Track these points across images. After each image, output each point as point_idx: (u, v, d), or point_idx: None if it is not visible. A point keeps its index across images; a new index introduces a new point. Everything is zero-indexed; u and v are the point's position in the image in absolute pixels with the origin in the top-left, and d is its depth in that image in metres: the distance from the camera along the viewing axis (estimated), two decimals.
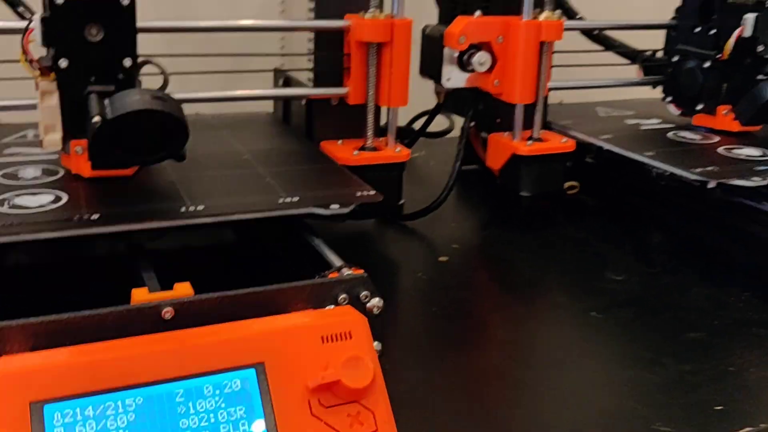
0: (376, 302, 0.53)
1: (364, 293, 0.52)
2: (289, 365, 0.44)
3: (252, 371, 0.43)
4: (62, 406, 0.40)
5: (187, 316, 0.47)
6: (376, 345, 0.50)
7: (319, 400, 0.44)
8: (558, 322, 0.63)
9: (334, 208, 0.59)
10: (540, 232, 0.82)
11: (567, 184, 0.87)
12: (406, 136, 0.92)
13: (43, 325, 0.45)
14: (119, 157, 0.60)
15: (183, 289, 0.49)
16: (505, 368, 0.56)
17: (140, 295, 0.48)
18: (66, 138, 0.63)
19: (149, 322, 0.47)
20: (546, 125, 0.88)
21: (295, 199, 0.60)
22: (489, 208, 0.90)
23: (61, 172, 0.65)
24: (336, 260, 0.56)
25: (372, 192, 0.62)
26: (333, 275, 0.52)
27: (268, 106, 0.92)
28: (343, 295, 0.51)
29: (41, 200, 0.58)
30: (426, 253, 0.77)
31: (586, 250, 0.78)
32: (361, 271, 0.53)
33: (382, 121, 0.79)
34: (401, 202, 0.78)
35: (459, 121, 0.87)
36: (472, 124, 0.89)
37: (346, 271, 0.53)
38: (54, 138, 0.62)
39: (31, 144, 0.74)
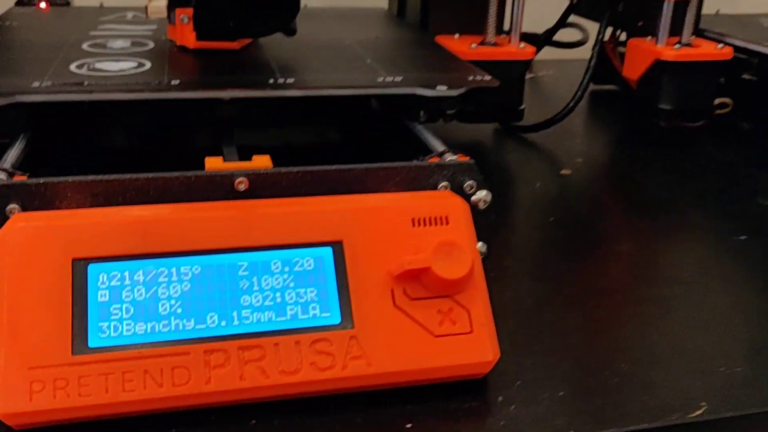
0: (483, 195, 0.45)
1: (469, 183, 0.44)
2: (372, 247, 0.37)
3: (328, 250, 0.37)
4: (109, 266, 0.35)
5: (264, 190, 0.41)
6: (480, 246, 0.43)
7: (404, 290, 0.36)
8: (691, 241, 0.53)
9: (441, 89, 0.51)
10: (678, 153, 0.71)
11: (717, 101, 0.75)
12: (532, 43, 0.82)
13: (101, 184, 0.39)
14: (225, 27, 0.56)
15: (261, 161, 0.43)
16: (625, 284, 0.47)
17: (214, 163, 0.43)
18: (171, 6, 0.59)
19: (221, 192, 0.41)
20: (698, 33, 0.76)
21: (398, 78, 0.52)
22: (623, 126, 0.80)
23: (151, 44, 0.60)
24: (438, 145, 0.48)
25: (487, 77, 0.53)
26: (433, 160, 0.45)
27: (383, 3, 0.85)
28: (444, 183, 0.44)
29: (123, 66, 0.53)
30: (546, 165, 0.69)
31: (734, 174, 0.67)
32: (467, 158, 0.45)
33: (505, 26, 0.71)
34: (522, 107, 0.70)
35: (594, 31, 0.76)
36: (609, 31, 0.78)
37: (449, 157, 0.45)
38: (159, 5, 0.59)
39: (128, 22, 0.70)
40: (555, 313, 0.44)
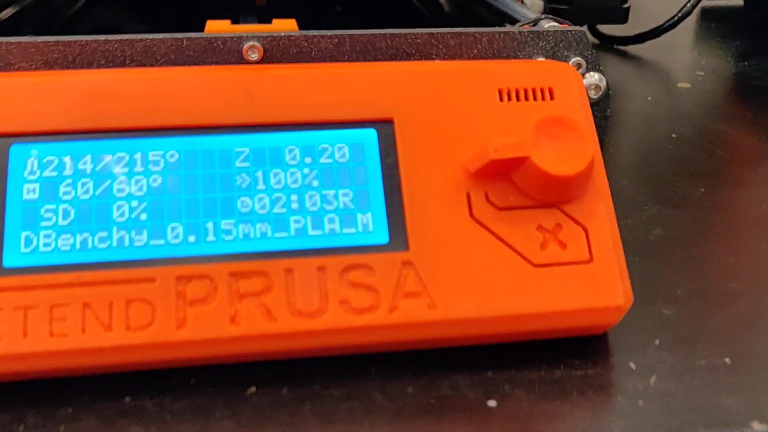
0: (595, 79, 0.32)
1: (575, 60, 0.31)
2: (437, 129, 0.24)
3: (371, 133, 0.24)
4: (42, 148, 0.23)
5: (284, 62, 0.29)
6: None
7: (486, 194, 0.24)
8: None
9: None
10: None
11: None
12: None
13: (58, 48, 0.28)
14: None
15: (284, 24, 0.31)
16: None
17: (217, 26, 0.30)
18: None
19: (224, 64, 0.29)
20: None
21: None
22: (745, 42, 0.65)
23: None
24: (531, 13, 0.35)
25: None
26: (525, 27, 0.32)
27: None
28: (540, 59, 0.31)
29: None
30: (660, 78, 0.55)
31: None
32: (570, 26, 0.32)
33: None
34: (627, 4, 0.55)
35: None
36: None
37: (548, 23, 0.32)
38: None
39: None
40: (697, 248, 0.31)
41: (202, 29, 0.30)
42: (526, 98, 0.25)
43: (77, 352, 0.21)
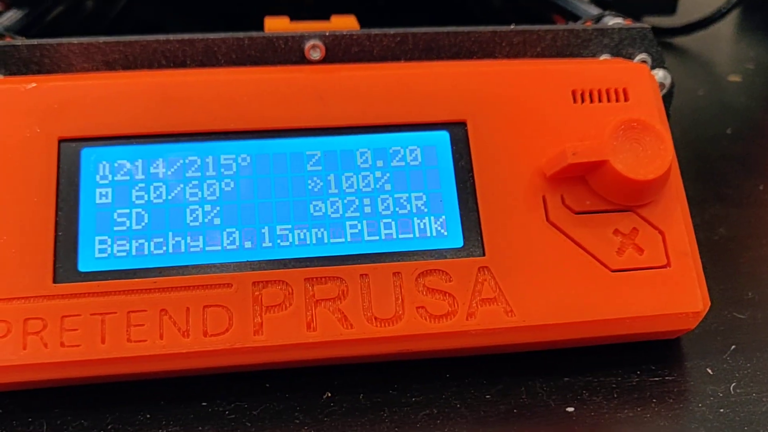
0: (660, 76, 0.31)
1: (641, 57, 0.31)
2: (511, 132, 0.24)
3: (444, 135, 0.24)
4: (112, 152, 0.23)
5: (346, 61, 0.29)
6: None
7: (562, 198, 0.23)
8: None
9: None
10: None
11: None
12: None
13: (118, 48, 0.28)
14: None
15: (344, 21, 0.30)
16: None
17: (276, 24, 0.30)
18: None
19: (286, 63, 0.28)
20: None
21: None
22: None
23: None
24: (592, 9, 0.34)
25: None
26: (588, 24, 0.31)
27: None
28: (605, 56, 0.30)
29: None
30: (709, 71, 0.54)
31: None
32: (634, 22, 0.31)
33: None
34: None
35: None
36: None
37: (612, 20, 0.32)
38: None
39: None
40: (763, 248, 0.30)
41: (247, 23, 0.30)
42: (600, 100, 0.25)
43: (155, 358, 0.21)
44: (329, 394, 0.22)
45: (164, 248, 0.22)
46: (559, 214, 0.23)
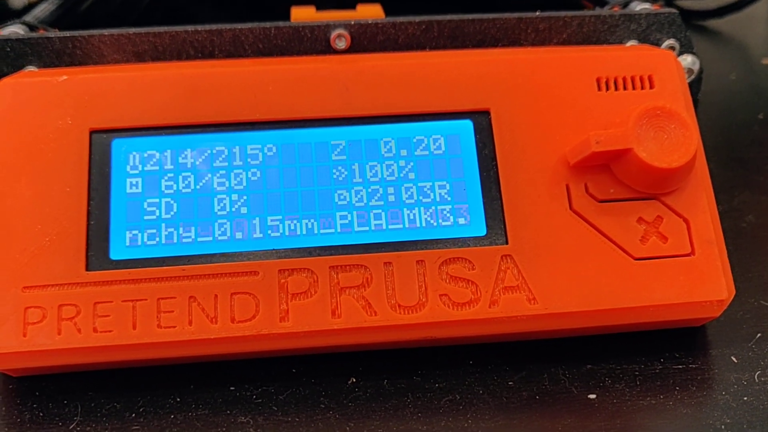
0: (689, 62, 0.31)
1: (669, 42, 0.30)
2: (535, 120, 0.24)
3: (467, 124, 0.24)
4: (142, 142, 0.23)
5: (371, 50, 0.29)
6: None
7: (586, 186, 0.23)
8: None
9: None
10: None
11: None
12: None
13: (148, 39, 0.28)
14: None
15: (370, 10, 0.31)
16: None
17: (303, 13, 0.30)
18: None
19: (312, 52, 0.29)
20: None
21: None
22: None
23: None
24: None
25: None
26: (615, 9, 0.31)
27: None
28: (633, 42, 0.30)
29: None
30: (742, 54, 0.53)
31: None
32: (662, 7, 0.31)
33: None
34: None
35: None
36: None
37: (640, 5, 0.31)
38: None
39: None
40: None
41: (275, 12, 0.30)
42: (625, 87, 0.25)
43: (184, 344, 0.22)
44: (354, 380, 0.22)
45: (192, 237, 0.23)
46: (582, 203, 0.23)
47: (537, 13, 0.29)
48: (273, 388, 0.22)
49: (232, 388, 0.22)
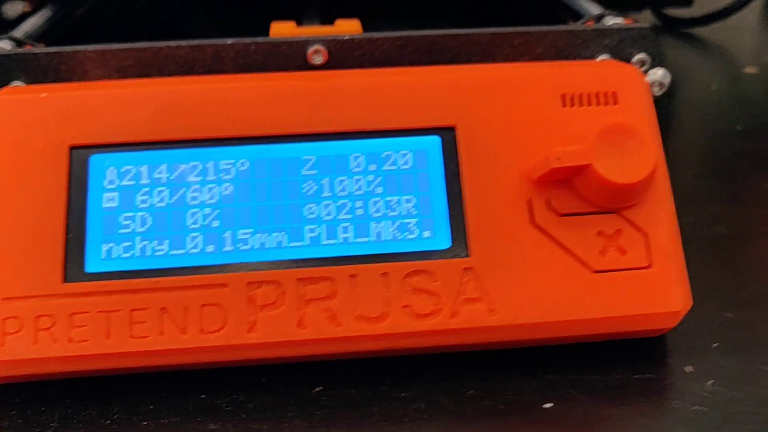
0: (659, 76, 0.31)
1: (640, 56, 0.31)
2: (500, 136, 0.25)
3: (435, 140, 0.25)
4: (120, 158, 0.24)
5: (348, 64, 0.29)
6: None
7: (548, 201, 0.24)
8: None
9: None
10: None
11: None
12: None
13: (132, 54, 0.29)
14: None
15: (348, 26, 0.31)
16: None
17: (282, 28, 0.31)
18: None
19: (290, 67, 0.29)
20: None
21: None
22: None
23: None
24: (594, 8, 0.34)
25: None
26: (590, 24, 0.32)
27: None
28: (604, 56, 0.31)
29: None
30: (724, 63, 0.54)
31: None
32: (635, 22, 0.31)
33: None
34: None
35: None
36: None
37: (612, 20, 0.32)
38: None
39: None
40: (764, 247, 0.30)
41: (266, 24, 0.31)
42: (590, 103, 0.25)
43: (156, 353, 0.22)
44: (320, 389, 0.23)
45: (165, 250, 0.23)
46: (544, 217, 0.24)
47: (511, 29, 0.30)
48: (242, 397, 0.23)
49: (203, 396, 0.23)
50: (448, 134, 0.25)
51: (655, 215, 0.24)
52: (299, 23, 0.33)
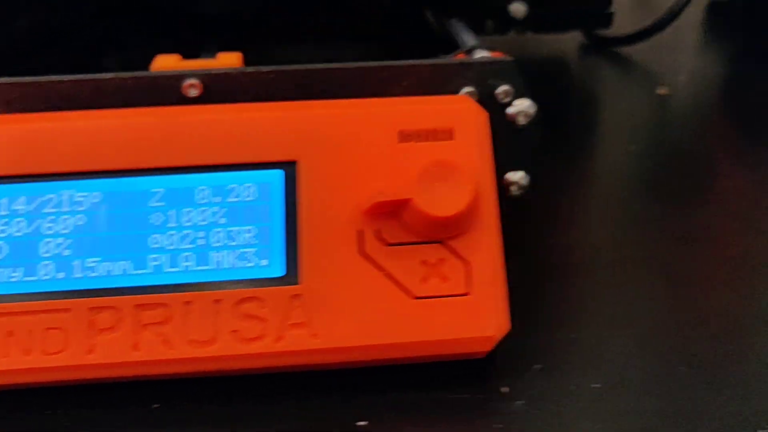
0: (523, 106, 0.33)
1: (503, 88, 0.33)
2: (339, 171, 0.26)
3: (278, 174, 0.27)
4: None
5: (223, 97, 0.31)
6: (520, 177, 0.32)
7: (378, 232, 0.26)
8: None
9: None
10: None
11: None
12: None
13: (16, 89, 0.31)
14: None
15: (228, 59, 0.33)
16: (720, 232, 0.35)
17: (165, 61, 0.33)
18: None
19: (168, 100, 0.31)
20: None
21: None
22: (744, 40, 0.64)
23: None
24: (471, 39, 0.36)
25: None
26: (461, 56, 0.33)
27: None
28: (469, 89, 0.32)
29: None
30: (639, 83, 0.55)
31: None
32: (502, 55, 0.33)
33: None
34: (611, 10, 0.56)
35: None
36: None
37: (480, 53, 0.34)
38: None
39: None
40: (608, 271, 0.32)
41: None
42: (426, 139, 0.27)
43: (2, 373, 0.24)
44: (158, 406, 0.25)
45: (19, 277, 0.25)
46: (373, 246, 0.26)
47: (378, 63, 0.32)
48: (85, 413, 0.25)
49: (48, 412, 0.25)
50: (290, 168, 0.27)
51: (479, 245, 0.26)
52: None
